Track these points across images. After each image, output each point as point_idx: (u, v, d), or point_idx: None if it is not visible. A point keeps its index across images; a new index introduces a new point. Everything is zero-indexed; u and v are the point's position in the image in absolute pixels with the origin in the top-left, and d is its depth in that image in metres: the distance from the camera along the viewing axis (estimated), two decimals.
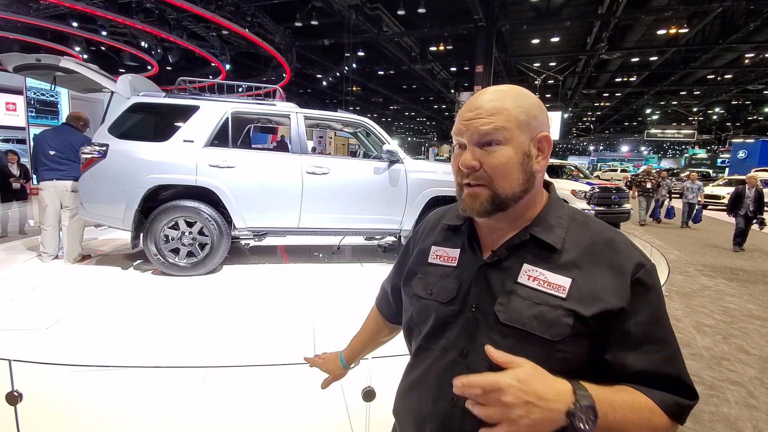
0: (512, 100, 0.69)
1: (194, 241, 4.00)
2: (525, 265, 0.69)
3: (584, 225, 0.73)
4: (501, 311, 0.67)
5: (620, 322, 0.64)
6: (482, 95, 0.71)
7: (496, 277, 0.70)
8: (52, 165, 4.20)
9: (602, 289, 0.65)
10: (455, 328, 0.72)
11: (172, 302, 3.38)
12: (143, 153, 3.92)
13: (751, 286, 5.16)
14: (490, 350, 0.58)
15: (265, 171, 4.14)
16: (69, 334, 2.72)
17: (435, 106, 34.38)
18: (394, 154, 4.34)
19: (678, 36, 15.36)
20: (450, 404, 0.69)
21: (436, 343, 0.74)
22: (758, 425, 2.30)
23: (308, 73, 20.97)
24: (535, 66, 20.37)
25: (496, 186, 0.68)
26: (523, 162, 0.69)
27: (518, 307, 0.66)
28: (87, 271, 4.15)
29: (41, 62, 3.90)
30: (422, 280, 0.80)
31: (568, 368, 0.64)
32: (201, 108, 4.09)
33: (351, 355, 1.08)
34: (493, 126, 0.67)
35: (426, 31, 15.41)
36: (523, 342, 0.65)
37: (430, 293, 0.77)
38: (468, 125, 0.69)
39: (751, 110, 32.30)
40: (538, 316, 0.65)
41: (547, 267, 0.68)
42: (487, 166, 0.68)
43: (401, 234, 4.49)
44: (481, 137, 0.68)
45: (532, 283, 0.68)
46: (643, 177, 10.78)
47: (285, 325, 3.01)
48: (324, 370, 1.09)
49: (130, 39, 13.41)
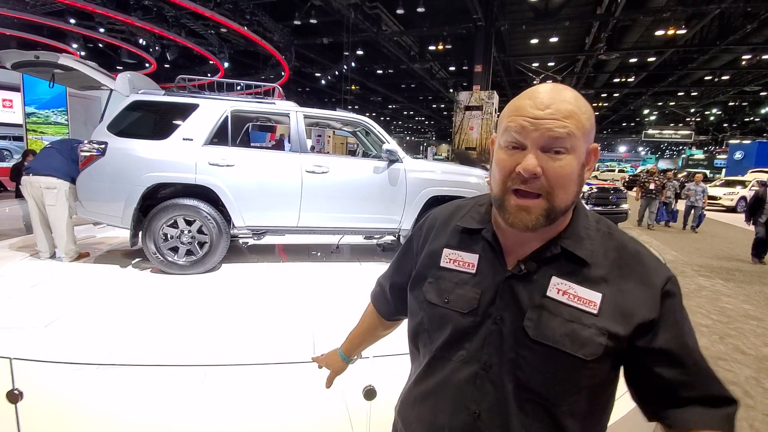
0: (580, 104, 0.64)
1: (193, 239, 3.99)
2: (554, 278, 0.67)
3: (608, 236, 0.70)
4: (530, 327, 0.65)
5: (651, 336, 0.64)
6: (550, 93, 0.64)
7: (524, 290, 0.67)
8: (34, 162, 4.18)
9: (633, 304, 0.64)
10: (476, 340, 0.69)
11: (171, 301, 3.38)
12: (142, 151, 3.91)
13: (747, 286, 5.20)
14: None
15: (265, 170, 4.14)
16: (68, 332, 2.71)
17: (434, 106, 34.39)
18: (394, 153, 4.35)
19: (676, 37, 15.41)
20: (471, 417, 0.68)
21: (454, 354, 0.71)
22: (754, 425, 2.32)
23: (307, 71, 20.94)
24: (533, 66, 20.39)
25: (555, 197, 0.63)
26: (579, 174, 0.65)
27: (549, 324, 0.64)
28: (85, 269, 4.13)
29: (40, 59, 3.87)
30: (434, 285, 0.76)
31: (594, 383, 0.64)
32: (200, 106, 4.08)
33: (349, 349, 1.07)
34: (568, 131, 0.62)
35: (425, 30, 15.41)
36: (552, 359, 0.64)
37: (446, 301, 0.73)
38: (537, 125, 0.62)
39: (747, 111, 32.45)
40: (571, 335, 0.63)
41: (576, 281, 0.66)
42: (549, 175, 0.62)
43: (400, 233, 4.50)
44: (552, 142, 0.62)
45: (561, 297, 0.65)
46: (646, 177, 10.08)
47: (284, 323, 3.02)
48: (326, 366, 1.10)
49: (128, 36, 13.37)
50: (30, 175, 4.12)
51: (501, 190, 0.66)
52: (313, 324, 2.98)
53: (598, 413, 0.68)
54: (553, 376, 0.64)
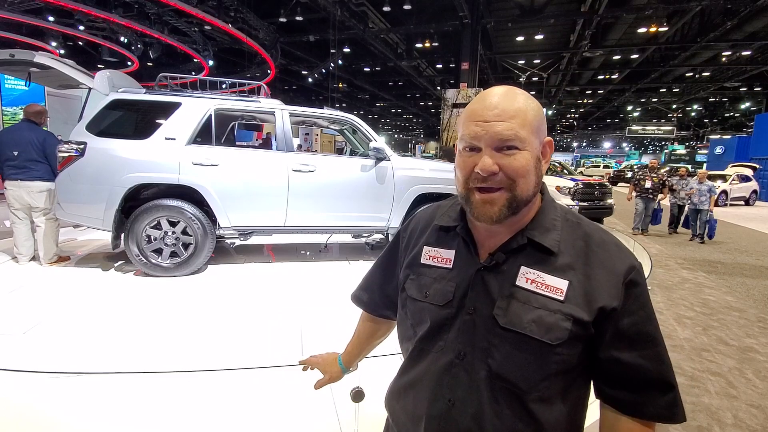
0: (525, 103, 0.69)
1: (177, 241, 3.92)
2: (522, 267, 0.70)
3: (577, 226, 0.73)
4: (500, 315, 0.68)
5: (614, 322, 0.66)
6: (496, 96, 0.69)
7: (494, 281, 0.70)
8: (17, 164, 4.03)
9: (597, 290, 0.67)
10: (452, 331, 0.72)
11: (155, 304, 3.30)
12: (123, 151, 3.82)
13: (728, 278, 5.31)
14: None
15: (250, 169, 4.08)
16: (47, 339, 2.63)
17: (421, 103, 34.44)
18: (381, 151, 4.32)
19: (658, 34, 15.69)
20: (446, 405, 0.70)
21: (433, 345, 0.74)
22: (738, 414, 2.36)
23: (293, 69, 20.76)
24: (519, 63, 20.57)
25: (516, 188, 0.67)
26: (536, 166, 0.69)
27: (517, 311, 0.67)
28: (66, 273, 4.03)
29: (15, 57, 3.75)
30: (415, 282, 0.80)
31: (563, 369, 0.66)
32: (183, 105, 4.00)
33: (349, 359, 1.07)
34: (515, 132, 0.66)
35: (412, 27, 15.41)
36: (521, 345, 0.66)
37: (425, 295, 0.76)
38: (487, 129, 0.67)
39: (728, 107, 33.23)
40: (537, 321, 0.65)
41: (544, 269, 0.69)
42: (507, 170, 0.67)
43: (389, 231, 4.48)
44: (502, 142, 0.66)
45: (530, 285, 0.68)
46: (642, 174, 8.53)
47: (272, 325, 2.97)
48: (321, 370, 1.08)
49: (109, 34, 13.06)
50: (18, 180, 4.05)
51: (464, 189, 0.71)
52: (302, 325, 2.94)
53: (571, 402, 0.69)
54: (522, 362, 0.66)
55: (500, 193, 0.67)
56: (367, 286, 1.02)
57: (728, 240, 7.96)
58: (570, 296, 0.66)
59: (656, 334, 0.67)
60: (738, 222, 10.73)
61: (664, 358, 0.67)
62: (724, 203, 14.25)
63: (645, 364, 0.65)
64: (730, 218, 11.26)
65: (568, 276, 0.67)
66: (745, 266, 5.99)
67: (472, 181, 0.69)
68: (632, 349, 0.66)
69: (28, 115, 4.22)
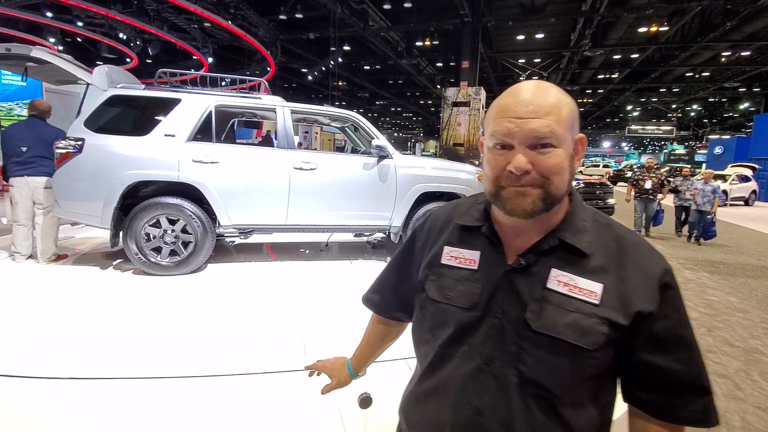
0: (560, 98, 0.66)
1: (177, 239, 3.87)
2: (554, 270, 0.67)
3: (607, 227, 0.71)
4: (533, 318, 0.66)
5: (649, 325, 0.64)
6: (529, 90, 0.66)
7: (524, 283, 0.68)
8: (23, 160, 4.00)
9: (632, 293, 0.65)
10: (478, 335, 0.70)
11: (155, 305, 3.25)
12: (122, 148, 3.76)
13: (731, 278, 5.28)
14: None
15: (251, 166, 4.03)
16: (43, 340, 2.59)
17: (421, 102, 34.38)
18: (384, 149, 4.28)
19: (658, 34, 15.67)
20: (473, 412, 0.68)
21: (457, 349, 0.72)
22: (746, 417, 2.33)
23: (293, 67, 20.67)
24: (520, 62, 20.51)
25: (550, 185, 0.65)
26: (570, 163, 0.67)
27: (551, 315, 0.65)
28: (63, 272, 3.97)
29: (11, 52, 3.70)
30: (436, 282, 0.77)
31: (596, 373, 0.65)
32: (182, 101, 3.95)
33: (358, 364, 1.04)
34: (551, 128, 0.63)
35: (412, 26, 15.35)
36: (555, 349, 0.64)
37: (448, 297, 0.74)
38: (521, 125, 0.64)
39: (727, 107, 33.25)
40: (573, 324, 0.64)
41: (576, 272, 0.66)
42: (541, 169, 0.64)
43: (391, 230, 4.44)
44: (537, 139, 0.64)
45: (562, 288, 0.66)
46: (641, 173, 8.07)
47: (274, 327, 2.92)
48: (329, 375, 1.05)
49: (108, 30, 12.97)
50: (24, 176, 4.00)
51: (494, 186, 0.68)
52: (304, 327, 2.89)
53: (601, 405, 0.68)
54: (556, 366, 0.64)
55: (534, 188, 0.65)
56: (379, 287, 0.99)
57: (729, 240, 7.94)
58: (605, 300, 0.64)
59: (691, 337, 0.66)
60: (738, 222, 10.72)
61: (699, 361, 0.66)
62: (724, 203, 14.24)
63: (680, 367, 0.64)
64: (731, 218, 11.25)
65: (602, 279, 0.66)
66: (747, 267, 5.97)
67: (504, 180, 0.66)
68: (667, 352, 0.64)
69: (37, 111, 4.16)
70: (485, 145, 0.71)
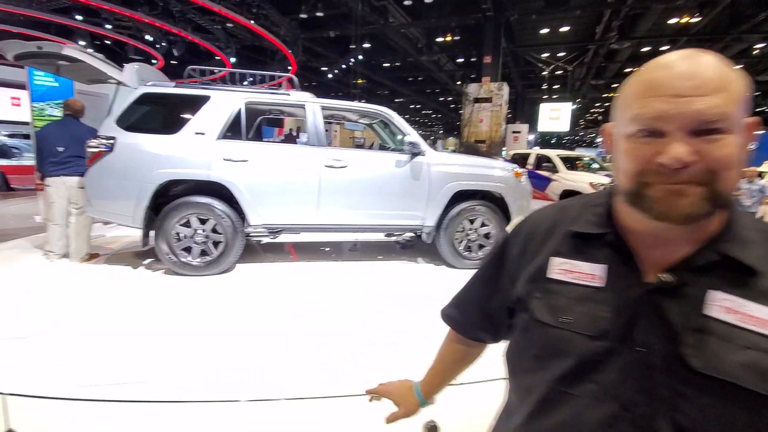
0: (728, 71, 0.51)
1: (207, 239, 3.81)
2: (712, 292, 0.53)
3: None
4: (692, 355, 0.51)
5: None
6: (687, 61, 0.51)
7: (675, 308, 0.53)
8: (60, 160, 4.01)
9: None
10: (610, 372, 0.55)
11: (186, 306, 3.19)
12: (153, 146, 3.73)
13: None
14: None
15: (281, 165, 3.94)
16: (74, 340, 2.55)
17: (441, 99, 34.03)
18: (416, 145, 4.13)
19: (689, 25, 15.03)
20: None
21: (581, 388, 0.57)
22: None
23: (313, 65, 20.70)
24: (543, 56, 20.02)
25: (718, 182, 0.50)
26: (741, 154, 0.52)
27: (718, 352, 0.50)
28: (96, 271, 3.98)
29: (43, 50, 3.70)
30: (544, 301, 0.63)
31: None
32: (212, 98, 3.89)
33: (428, 390, 0.91)
34: (722, 109, 0.49)
35: (433, 21, 15.12)
36: (727, 397, 0.49)
37: (562, 321, 0.60)
38: (681, 106, 0.49)
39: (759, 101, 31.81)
40: (751, 365, 0.49)
41: (746, 295, 0.52)
42: (708, 161, 0.50)
43: (423, 231, 4.28)
44: (704, 123, 0.49)
45: (729, 316, 0.51)
46: None
47: (316, 338, 2.70)
48: (395, 402, 0.91)
49: (135, 32, 13.21)
50: (61, 176, 4.02)
51: (635, 183, 0.54)
52: (350, 340, 2.67)
53: None
54: (727, 418, 0.49)
55: (695, 186, 0.50)
56: (461, 302, 0.85)
57: None
58: None
59: None
60: None
61: None
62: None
63: None
64: None
65: None
66: None
67: (650, 176, 0.52)
68: None
69: (71, 111, 4.17)
70: (618, 133, 0.57)
